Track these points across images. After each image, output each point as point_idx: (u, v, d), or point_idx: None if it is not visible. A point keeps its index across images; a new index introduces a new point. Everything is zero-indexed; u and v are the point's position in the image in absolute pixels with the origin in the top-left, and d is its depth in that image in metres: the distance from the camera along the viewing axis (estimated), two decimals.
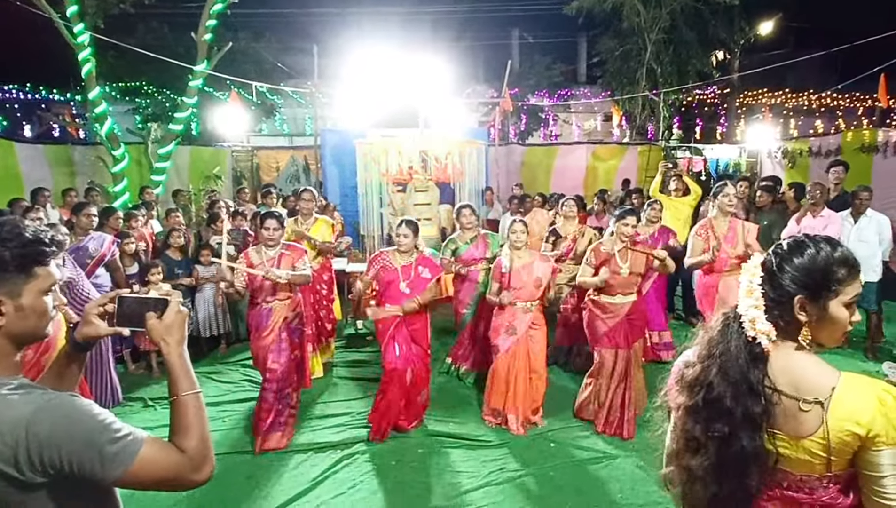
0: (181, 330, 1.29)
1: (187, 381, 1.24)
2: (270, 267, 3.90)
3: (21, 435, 1.02)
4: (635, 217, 4.06)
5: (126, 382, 4.95)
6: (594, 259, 4.08)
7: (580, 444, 3.95)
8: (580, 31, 19.47)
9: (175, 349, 1.26)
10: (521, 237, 4.12)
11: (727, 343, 1.35)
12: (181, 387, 1.23)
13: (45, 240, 1.19)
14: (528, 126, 17.20)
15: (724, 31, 14.23)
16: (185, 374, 1.25)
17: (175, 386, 1.23)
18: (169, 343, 1.26)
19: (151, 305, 1.29)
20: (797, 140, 11.71)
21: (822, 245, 1.32)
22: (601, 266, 4.04)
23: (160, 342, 1.27)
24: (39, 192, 6.57)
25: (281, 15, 16.35)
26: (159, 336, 1.27)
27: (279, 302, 3.97)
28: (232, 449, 3.92)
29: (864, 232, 5.36)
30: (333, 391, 4.95)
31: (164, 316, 1.28)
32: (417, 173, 6.71)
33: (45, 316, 1.21)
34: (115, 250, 4.90)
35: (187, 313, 1.33)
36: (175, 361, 1.25)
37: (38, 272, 1.18)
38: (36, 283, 1.17)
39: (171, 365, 1.25)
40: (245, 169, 11.79)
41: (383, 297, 4.13)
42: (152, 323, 1.27)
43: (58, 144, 10.67)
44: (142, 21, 13.20)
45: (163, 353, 1.27)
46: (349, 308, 6.78)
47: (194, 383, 1.25)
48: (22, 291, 1.15)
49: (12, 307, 1.14)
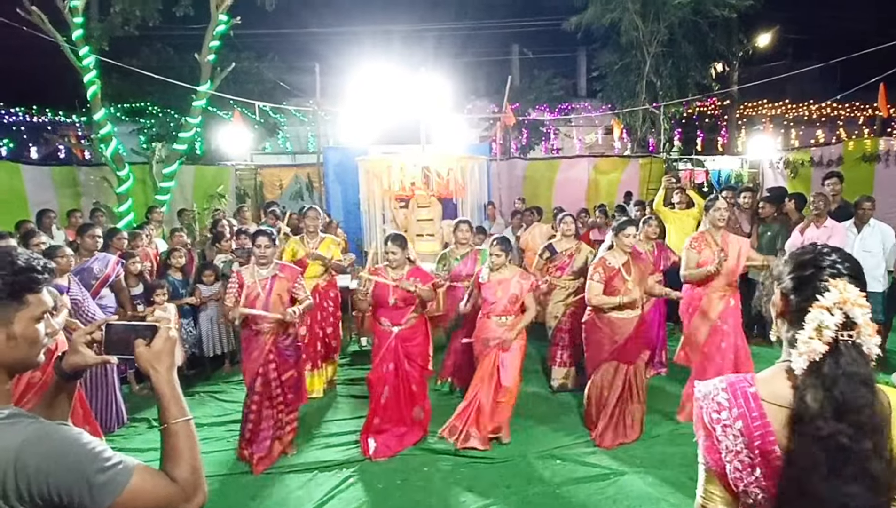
0: (170, 357, 1.27)
1: (177, 408, 1.22)
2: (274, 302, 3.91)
3: (9, 466, 1.02)
4: (634, 227, 4.06)
5: (131, 402, 4.94)
6: (603, 274, 4.05)
7: (586, 461, 3.91)
8: (580, 46, 19.64)
9: (164, 376, 1.24)
10: (498, 260, 4.14)
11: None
12: (171, 415, 1.21)
13: (38, 268, 1.19)
14: (530, 140, 17.29)
15: (723, 43, 14.34)
16: (174, 401, 1.23)
17: (165, 414, 1.21)
18: (158, 370, 1.24)
19: (140, 331, 1.27)
20: (798, 150, 11.72)
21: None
22: (610, 281, 4.02)
23: (149, 369, 1.24)
24: (45, 214, 6.62)
25: (283, 35, 16.55)
26: (148, 364, 1.24)
27: (268, 325, 3.91)
28: (236, 470, 3.89)
29: (868, 242, 5.34)
30: (337, 408, 4.94)
31: (153, 343, 1.26)
32: (420, 189, 6.74)
33: (37, 344, 1.20)
34: (119, 271, 4.92)
35: (176, 339, 1.31)
36: (164, 388, 1.23)
37: (29, 300, 1.17)
38: (28, 310, 1.17)
39: (160, 393, 1.23)
40: (248, 187, 11.86)
41: (376, 311, 4.17)
42: (140, 350, 1.25)
43: (63, 166, 10.76)
44: (146, 43, 13.37)
45: (152, 380, 1.24)
46: (353, 325, 6.77)
47: (184, 410, 1.23)
48: (13, 318, 1.15)
49: (4, 335, 1.14)
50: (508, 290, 4.12)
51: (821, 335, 1.15)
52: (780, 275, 1.32)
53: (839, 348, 1.16)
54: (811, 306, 1.19)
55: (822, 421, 1.12)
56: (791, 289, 1.27)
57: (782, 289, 1.29)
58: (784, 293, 1.29)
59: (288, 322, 3.93)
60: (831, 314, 1.16)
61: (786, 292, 1.28)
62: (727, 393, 1.25)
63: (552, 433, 4.30)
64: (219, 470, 3.85)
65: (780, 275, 1.31)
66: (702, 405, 1.28)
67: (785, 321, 1.29)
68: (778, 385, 1.23)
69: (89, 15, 9.37)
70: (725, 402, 1.24)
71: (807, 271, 1.25)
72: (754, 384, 1.25)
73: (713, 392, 1.27)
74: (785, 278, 1.29)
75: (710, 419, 1.25)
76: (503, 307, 4.12)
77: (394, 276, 4.08)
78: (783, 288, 1.29)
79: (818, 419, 1.13)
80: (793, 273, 1.27)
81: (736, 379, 1.28)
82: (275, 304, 3.91)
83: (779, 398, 1.21)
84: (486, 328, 4.18)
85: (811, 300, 1.19)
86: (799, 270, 1.27)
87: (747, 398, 1.23)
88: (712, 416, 1.25)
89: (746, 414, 1.21)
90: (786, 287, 1.28)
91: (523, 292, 4.14)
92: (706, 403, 1.27)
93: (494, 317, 4.15)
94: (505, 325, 4.14)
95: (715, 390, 1.27)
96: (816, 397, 1.14)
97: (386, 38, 16.38)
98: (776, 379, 1.25)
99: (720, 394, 1.26)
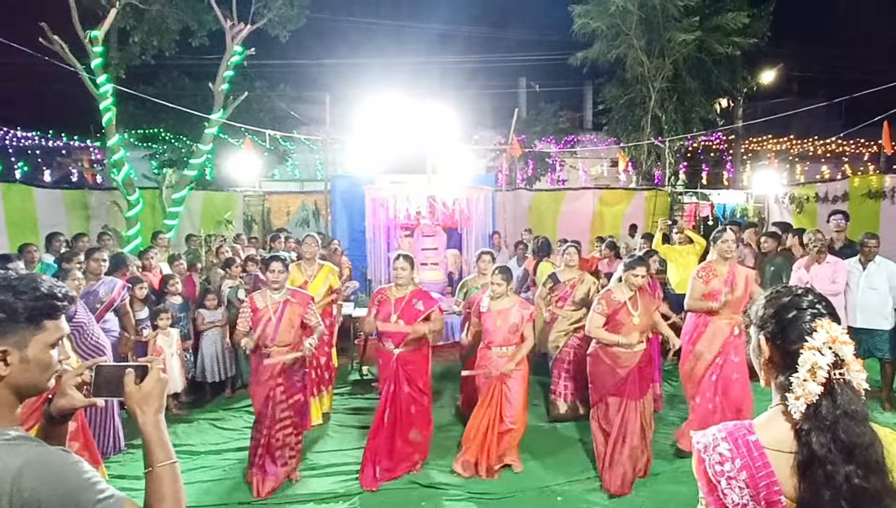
0: (160, 399, 1.25)
1: (163, 452, 1.21)
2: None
3: (6, 487, 1.03)
4: (645, 267, 4.03)
5: (129, 428, 4.90)
6: (605, 307, 4.04)
7: (588, 498, 3.83)
8: (586, 80, 19.96)
9: (151, 419, 1.23)
10: (499, 289, 4.16)
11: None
12: (156, 458, 1.20)
13: (59, 295, 1.22)
14: (536, 171, 17.45)
15: (727, 80, 14.52)
16: (160, 445, 1.22)
17: (150, 457, 1.20)
18: (145, 412, 1.23)
19: (130, 371, 1.26)
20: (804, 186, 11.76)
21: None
22: (614, 315, 4.00)
23: (136, 410, 1.23)
24: (54, 237, 6.69)
25: (295, 65, 16.95)
26: (136, 404, 1.23)
27: (277, 348, 3.96)
28: (232, 500, 3.84)
29: (874, 279, 5.30)
30: (336, 438, 4.88)
31: (143, 383, 1.24)
32: (425, 218, 6.80)
33: (49, 369, 1.22)
34: (125, 295, 4.95)
35: (167, 381, 1.30)
36: (150, 431, 1.22)
37: (47, 325, 1.20)
38: (43, 336, 1.19)
39: (146, 435, 1.21)
40: (256, 214, 11.98)
41: (380, 331, 4.20)
42: (130, 390, 1.23)
43: (74, 189, 10.95)
44: (162, 71, 13.74)
45: (138, 422, 1.22)
46: (356, 353, 6.74)
47: (170, 453, 1.22)
48: (29, 342, 1.17)
49: (17, 358, 1.16)
50: (508, 319, 4.12)
51: (815, 377, 1.15)
52: (761, 321, 1.30)
53: (834, 387, 1.15)
54: (801, 348, 1.18)
55: (831, 466, 1.11)
56: (776, 333, 1.26)
57: (766, 334, 1.28)
58: (769, 338, 1.28)
59: (296, 348, 4.01)
60: (822, 355, 1.16)
61: (770, 336, 1.27)
62: (728, 443, 1.22)
63: (553, 467, 4.23)
64: (212, 501, 3.80)
65: (762, 321, 1.30)
66: (704, 458, 1.24)
67: (773, 366, 1.28)
68: (777, 431, 1.21)
69: (108, 44, 9.66)
70: (728, 453, 1.21)
71: (789, 313, 1.25)
72: (754, 432, 1.22)
73: (713, 443, 1.24)
74: (768, 323, 1.28)
75: (713, 473, 1.21)
76: (503, 337, 4.13)
77: (397, 295, 4.15)
78: (767, 333, 1.28)
79: (828, 464, 1.11)
80: (775, 317, 1.27)
81: (734, 428, 1.25)
82: (284, 329, 3.96)
83: (781, 444, 1.19)
84: (487, 359, 4.18)
85: (799, 343, 1.19)
86: (781, 313, 1.26)
87: (749, 447, 1.20)
88: (716, 469, 1.21)
89: (750, 464, 1.19)
90: (770, 332, 1.27)
91: (523, 321, 4.14)
92: (708, 455, 1.24)
93: (495, 348, 4.16)
94: (505, 356, 4.14)
95: (715, 440, 1.24)
96: (822, 440, 1.12)
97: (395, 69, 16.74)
98: (775, 424, 1.23)
99: (721, 444, 1.23)
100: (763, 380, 1.33)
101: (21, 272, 1.23)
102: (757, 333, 1.31)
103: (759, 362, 1.32)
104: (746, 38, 13.41)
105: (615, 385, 4.00)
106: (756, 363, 1.33)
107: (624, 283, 4.06)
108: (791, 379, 1.19)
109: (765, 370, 1.31)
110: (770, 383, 1.30)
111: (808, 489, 1.13)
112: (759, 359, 1.31)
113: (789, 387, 1.19)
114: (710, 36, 13.31)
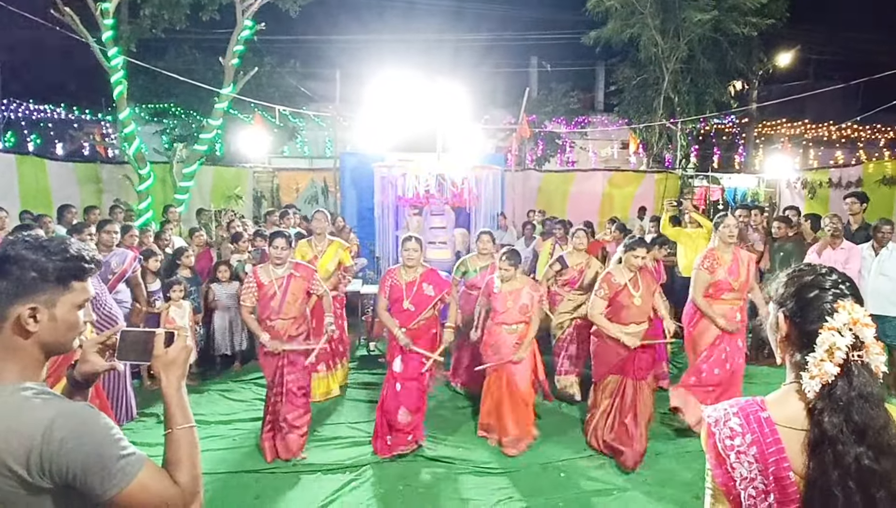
0: (184, 366, 1.31)
1: (182, 415, 1.27)
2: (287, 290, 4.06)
3: (37, 438, 1.08)
4: (645, 249, 4.05)
5: (141, 397, 5.01)
6: (607, 291, 4.06)
7: (590, 475, 3.90)
8: (598, 60, 19.64)
9: (174, 383, 1.28)
10: (507, 274, 4.20)
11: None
12: (176, 421, 1.26)
13: (87, 257, 1.26)
14: (545, 152, 17.31)
15: (743, 61, 14.23)
16: (180, 409, 1.27)
17: (171, 420, 1.26)
18: (169, 376, 1.28)
19: (161, 335, 1.32)
20: (817, 171, 11.63)
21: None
22: (615, 297, 4.02)
23: (161, 373, 1.28)
24: (66, 209, 6.76)
25: (305, 41, 16.80)
26: (162, 367, 1.28)
27: (282, 321, 4.07)
28: (241, 468, 3.94)
29: (886, 265, 5.26)
30: (344, 412, 4.97)
31: (170, 349, 1.30)
32: (434, 197, 6.79)
33: (75, 329, 1.27)
34: (136, 267, 5.02)
35: (192, 349, 1.35)
36: (172, 394, 1.27)
37: (75, 286, 1.24)
38: (71, 296, 1.24)
39: (168, 398, 1.27)
40: (266, 190, 12.02)
41: (392, 315, 4.24)
42: (158, 352, 1.29)
43: (87, 163, 11.01)
44: (172, 45, 13.67)
45: (161, 385, 1.28)
46: (363, 330, 6.82)
47: (189, 417, 1.28)
48: (58, 302, 1.21)
49: (46, 317, 1.20)
50: (519, 300, 4.18)
51: (832, 357, 1.15)
52: (781, 298, 1.29)
53: (851, 369, 1.15)
54: (820, 328, 1.18)
55: (842, 445, 1.12)
56: (796, 312, 1.25)
57: (785, 312, 1.27)
58: (788, 316, 1.27)
59: (301, 320, 4.14)
60: (842, 336, 1.15)
61: (790, 314, 1.26)
62: (739, 418, 1.22)
63: (557, 444, 4.29)
64: (223, 469, 3.89)
65: (782, 298, 1.29)
66: (714, 432, 1.24)
67: (790, 344, 1.27)
68: (790, 409, 1.21)
69: (119, 17, 9.62)
70: (738, 427, 1.21)
71: (810, 293, 1.23)
72: (766, 409, 1.22)
73: (724, 418, 1.24)
74: (788, 301, 1.27)
75: (723, 446, 1.22)
76: (513, 317, 4.20)
77: (407, 279, 4.17)
78: (787, 311, 1.27)
79: (838, 444, 1.12)
80: (796, 296, 1.26)
81: (746, 403, 1.25)
82: (290, 303, 4.07)
83: (793, 422, 1.19)
84: (496, 335, 4.24)
85: (818, 323, 1.18)
86: (802, 292, 1.25)
87: (761, 422, 1.20)
88: (726, 443, 1.21)
89: (761, 440, 1.19)
90: (790, 310, 1.26)
91: (533, 302, 4.20)
92: (718, 429, 1.23)
93: (505, 326, 4.21)
94: (515, 333, 4.21)
95: (726, 415, 1.24)
96: (834, 420, 1.13)
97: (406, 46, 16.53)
98: (788, 402, 1.23)
99: (732, 419, 1.22)
100: (778, 357, 1.32)
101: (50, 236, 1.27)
102: (776, 310, 1.30)
103: (775, 338, 1.31)
104: (764, 18, 13.11)
105: (616, 364, 4.05)
106: (772, 340, 1.32)
107: (624, 264, 4.07)
108: (808, 358, 1.18)
109: (781, 348, 1.30)
110: (785, 360, 1.30)
111: (816, 467, 1.14)
112: (775, 336, 1.30)
113: (805, 366, 1.19)
114: (726, 16, 13.02)
